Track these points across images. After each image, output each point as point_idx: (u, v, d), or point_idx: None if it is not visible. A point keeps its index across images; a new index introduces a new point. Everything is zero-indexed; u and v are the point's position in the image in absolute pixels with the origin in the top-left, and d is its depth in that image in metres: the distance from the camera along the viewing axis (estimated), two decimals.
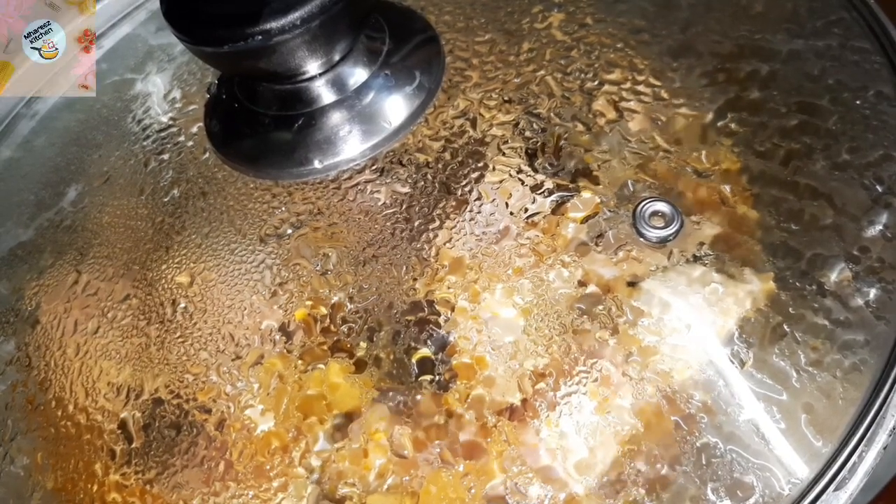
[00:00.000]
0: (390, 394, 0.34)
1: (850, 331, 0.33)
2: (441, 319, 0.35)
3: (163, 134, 0.45)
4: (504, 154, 0.38)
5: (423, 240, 0.37)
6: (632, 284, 0.35)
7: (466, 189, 0.38)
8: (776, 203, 0.36)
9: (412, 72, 0.41)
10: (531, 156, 0.38)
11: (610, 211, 0.36)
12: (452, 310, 0.35)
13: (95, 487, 0.35)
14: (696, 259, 0.35)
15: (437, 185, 0.38)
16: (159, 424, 0.35)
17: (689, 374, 0.33)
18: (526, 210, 0.37)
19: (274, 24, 0.33)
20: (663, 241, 0.35)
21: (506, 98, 0.40)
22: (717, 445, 0.32)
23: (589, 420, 0.32)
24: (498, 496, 0.32)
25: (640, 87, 0.40)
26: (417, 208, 0.37)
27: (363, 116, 0.39)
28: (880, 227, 0.35)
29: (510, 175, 0.38)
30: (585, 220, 0.36)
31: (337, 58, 0.38)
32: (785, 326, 0.33)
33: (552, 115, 0.40)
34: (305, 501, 0.33)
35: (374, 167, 0.39)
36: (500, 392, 0.33)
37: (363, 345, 0.35)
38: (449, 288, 0.35)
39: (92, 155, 0.47)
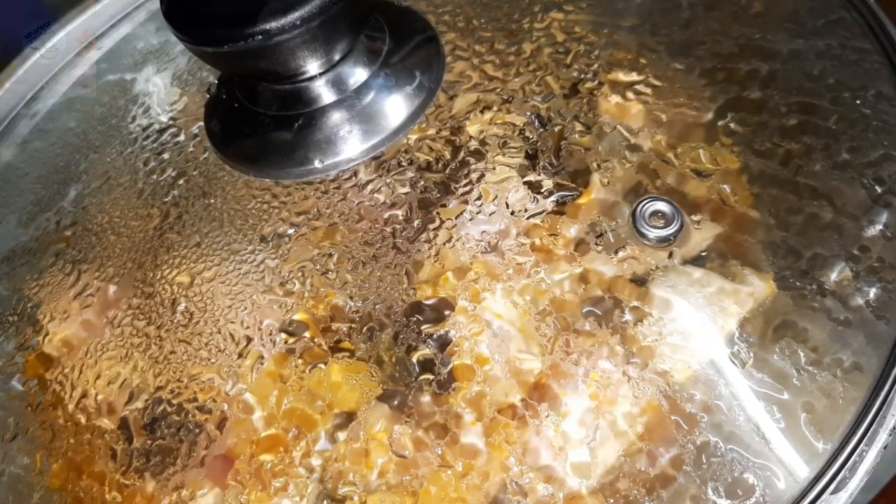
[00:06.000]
0: (391, 393, 0.34)
1: (850, 330, 0.33)
2: (442, 319, 0.35)
3: (163, 134, 0.45)
4: (504, 154, 0.38)
5: (423, 239, 0.37)
6: (632, 284, 0.35)
7: (467, 189, 0.38)
8: (776, 203, 0.36)
9: (412, 71, 0.41)
10: (531, 156, 0.38)
11: (610, 211, 0.36)
12: (453, 309, 0.35)
13: (96, 487, 0.35)
14: (697, 259, 0.35)
15: (437, 184, 0.38)
16: (160, 424, 0.35)
17: (689, 374, 0.33)
18: (526, 210, 0.37)
19: (274, 24, 0.33)
20: (664, 241, 0.35)
21: (506, 98, 0.40)
22: (717, 445, 0.32)
23: (589, 419, 0.32)
24: (498, 496, 0.32)
25: (640, 87, 0.40)
26: (417, 208, 0.37)
27: (363, 116, 0.39)
28: (880, 227, 0.35)
29: (510, 175, 0.38)
30: (586, 219, 0.36)
31: (337, 58, 0.38)
32: (785, 326, 0.33)
33: (552, 114, 0.40)
34: (306, 501, 0.33)
35: (374, 167, 0.39)
36: (500, 392, 0.33)
37: (363, 345, 0.35)
38: (449, 288, 0.35)
39: (92, 155, 0.47)
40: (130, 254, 0.40)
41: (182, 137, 0.44)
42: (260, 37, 0.33)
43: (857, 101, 0.39)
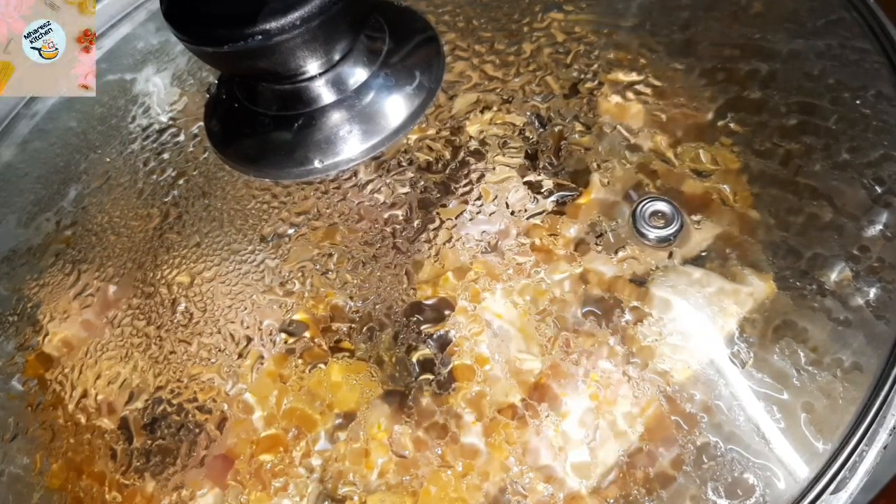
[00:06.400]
0: (391, 393, 0.34)
1: (850, 330, 0.33)
2: (442, 319, 0.35)
3: (163, 134, 0.45)
4: (504, 154, 0.38)
5: (423, 239, 0.37)
6: (632, 284, 0.35)
7: (467, 189, 0.38)
8: (776, 203, 0.36)
9: (412, 71, 0.41)
10: (531, 156, 0.38)
11: (610, 211, 0.36)
12: (453, 310, 0.35)
13: (96, 487, 0.35)
14: (697, 259, 0.35)
15: (437, 184, 0.38)
16: (160, 424, 0.35)
17: (689, 374, 0.33)
18: (526, 210, 0.37)
19: (274, 24, 0.33)
20: (664, 241, 0.35)
21: (506, 98, 0.40)
22: (717, 445, 0.32)
23: (589, 420, 0.32)
24: (498, 496, 0.32)
25: (640, 87, 0.40)
26: (417, 208, 0.37)
27: (363, 116, 0.39)
28: (880, 227, 0.35)
29: (510, 175, 0.38)
30: (586, 219, 0.36)
31: (337, 58, 0.38)
32: (785, 326, 0.33)
33: (552, 114, 0.40)
34: (306, 501, 0.33)
35: (374, 167, 0.39)
36: (500, 392, 0.33)
37: (363, 345, 0.35)
38: (449, 288, 0.35)
39: (92, 155, 0.47)
40: (130, 254, 0.40)
41: (182, 137, 0.44)
42: (260, 37, 0.33)
43: (857, 101, 0.39)
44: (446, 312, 0.35)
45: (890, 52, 0.40)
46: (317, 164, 0.39)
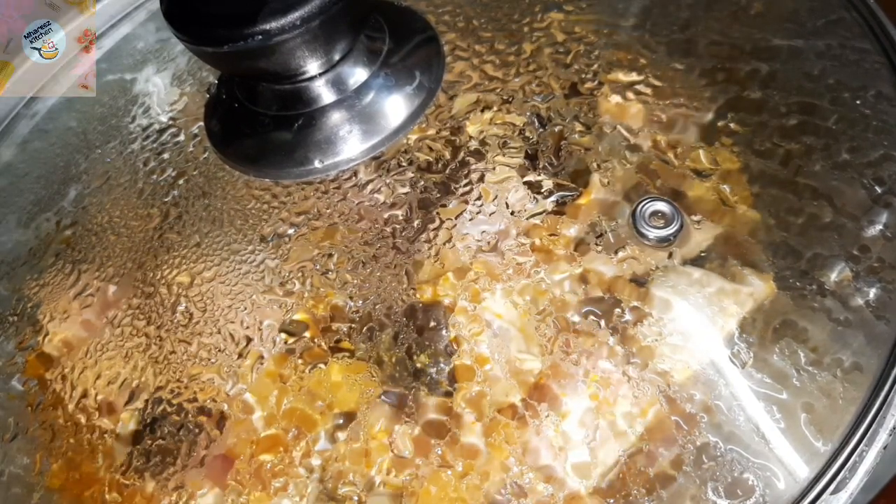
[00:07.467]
0: (391, 393, 0.34)
1: (850, 330, 0.33)
2: (441, 319, 0.35)
3: (163, 134, 0.45)
4: (504, 154, 0.38)
5: (423, 239, 0.37)
6: (632, 284, 0.35)
7: (467, 189, 0.38)
8: (776, 203, 0.36)
9: (412, 72, 0.41)
10: (531, 156, 0.38)
11: (610, 210, 0.36)
12: (453, 310, 0.35)
13: (95, 487, 0.35)
14: (697, 259, 0.35)
15: (437, 184, 0.38)
16: (160, 424, 0.35)
17: (689, 374, 0.33)
18: (526, 210, 0.37)
19: (274, 24, 0.33)
20: (663, 241, 0.35)
21: (506, 98, 0.40)
22: (717, 445, 0.32)
23: (589, 420, 0.32)
24: (498, 496, 0.32)
25: (640, 87, 0.40)
26: (417, 208, 0.37)
27: (363, 116, 0.39)
28: (880, 227, 0.35)
29: (510, 175, 0.38)
30: (586, 219, 0.36)
31: (337, 58, 0.38)
32: (785, 326, 0.33)
33: (552, 114, 0.40)
34: (306, 501, 0.33)
35: (374, 167, 0.39)
36: (500, 392, 0.33)
37: (363, 345, 0.35)
38: (449, 288, 0.35)
39: (92, 155, 0.47)
40: (130, 254, 0.40)
41: (182, 137, 0.44)
42: (260, 37, 0.33)
43: (857, 101, 0.39)
44: (447, 312, 0.35)
45: (890, 52, 0.40)
46: (317, 164, 0.39)
